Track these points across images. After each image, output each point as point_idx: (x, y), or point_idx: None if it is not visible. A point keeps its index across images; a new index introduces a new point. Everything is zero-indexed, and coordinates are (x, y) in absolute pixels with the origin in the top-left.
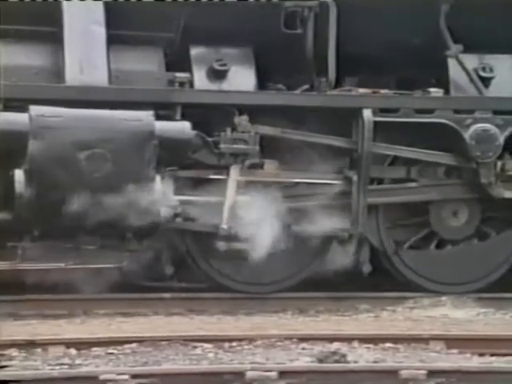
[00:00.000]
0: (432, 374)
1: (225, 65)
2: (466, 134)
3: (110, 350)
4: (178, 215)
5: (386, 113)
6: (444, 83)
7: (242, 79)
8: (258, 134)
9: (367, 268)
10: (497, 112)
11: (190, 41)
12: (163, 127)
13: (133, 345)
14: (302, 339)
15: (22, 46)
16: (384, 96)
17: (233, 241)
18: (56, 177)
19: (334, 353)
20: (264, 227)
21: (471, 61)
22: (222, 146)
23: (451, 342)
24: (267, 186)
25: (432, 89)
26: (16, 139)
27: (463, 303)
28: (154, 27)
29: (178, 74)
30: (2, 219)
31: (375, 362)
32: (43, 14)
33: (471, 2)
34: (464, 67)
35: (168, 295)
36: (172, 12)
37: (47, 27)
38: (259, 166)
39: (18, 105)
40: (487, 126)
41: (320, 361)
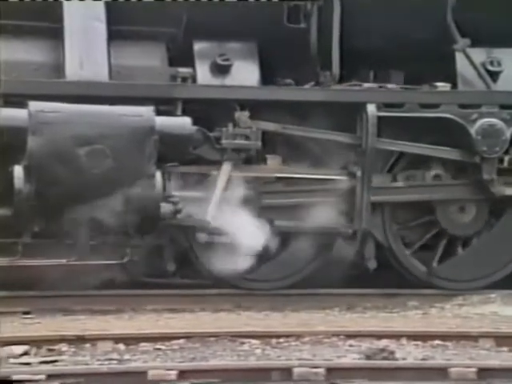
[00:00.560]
0: (482, 372)
1: (228, 60)
2: (472, 129)
3: (157, 346)
4: (178, 211)
5: (391, 108)
6: (452, 78)
7: (246, 74)
8: (259, 129)
9: (372, 264)
10: (504, 106)
11: (193, 36)
12: (164, 123)
13: (180, 341)
14: (350, 336)
15: (22, 41)
16: (388, 91)
17: (214, 234)
18: (55, 173)
19: (383, 350)
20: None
21: (479, 55)
22: (224, 141)
23: (501, 339)
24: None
25: (439, 83)
26: (15, 135)
27: None
28: (156, 22)
29: (181, 69)
30: (1, 215)
31: (424, 359)
32: (44, 10)
33: None
34: (471, 61)
35: (215, 291)
36: (175, 7)
37: (47, 23)
38: (262, 161)
39: (18, 100)
40: (493, 120)
41: (368, 358)
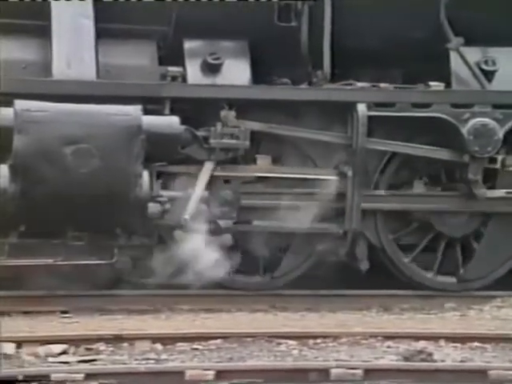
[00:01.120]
0: None
1: (218, 58)
2: (464, 129)
3: (194, 346)
4: (166, 211)
5: (382, 107)
6: (447, 77)
7: (237, 73)
8: (247, 129)
9: (365, 265)
10: (498, 106)
11: (183, 34)
12: (151, 122)
13: (217, 341)
14: (388, 337)
15: (10, 40)
16: (379, 90)
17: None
18: (42, 172)
19: (421, 351)
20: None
21: (474, 54)
22: (212, 141)
23: None
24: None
25: (432, 82)
26: (1, 134)
27: None
28: (146, 20)
29: (171, 68)
30: None
31: (462, 361)
32: (32, 8)
33: None
34: (465, 60)
35: (251, 292)
36: (164, 5)
37: (36, 21)
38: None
39: (6, 99)
40: (486, 120)
41: (406, 359)
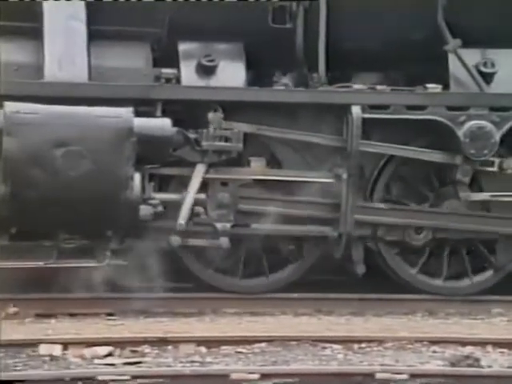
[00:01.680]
0: None
1: (213, 60)
2: (460, 132)
3: (239, 349)
4: (159, 214)
5: (377, 109)
6: (445, 79)
7: (232, 75)
8: (240, 131)
9: (361, 269)
10: (495, 108)
11: (178, 36)
12: (142, 124)
13: (262, 344)
14: (433, 342)
15: (2, 42)
16: (373, 92)
17: (188, 237)
18: (31, 174)
19: (467, 357)
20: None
21: (472, 56)
22: (204, 143)
23: None
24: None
25: (430, 84)
26: None
27: None
28: (140, 22)
29: (164, 70)
30: None
31: (510, 367)
32: (25, 10)
33: None
34: (463, 62)
35: (295, 295)
36: (158, 6)
37: (29, 23)
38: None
39: None
40: (482, 123)
41: (452, 364)
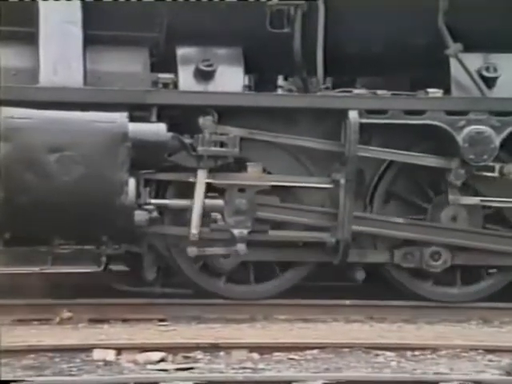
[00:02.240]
0: None
1: (211, 65)
2: (459, 137)
3: (291, 356)
4: (154, 219)
5: (375, 114)
6: (447, 83)
7: (230, 80)
8: (237, 136)
9: (361, 275)
10: (495, 113)
11: (176, 41)
12: (137, 129)
13: (314, 351)
14: (489, 350)
15: (0, 47)
16: (371, 97)
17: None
18: (25, 179)
19: None
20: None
21: (474, 60)
22: (200, 148)
23: None
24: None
25: (430, 89)
26: None
27: None
28: (137, 27)
29: (162, 75)
30: None
31: None
32: (21, 14)
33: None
34: (464, 66)
35: (348, 302)
36: (155, 11)
37: (25, 28)
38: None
39: None
40: (482, 127)
41: (508, 374)
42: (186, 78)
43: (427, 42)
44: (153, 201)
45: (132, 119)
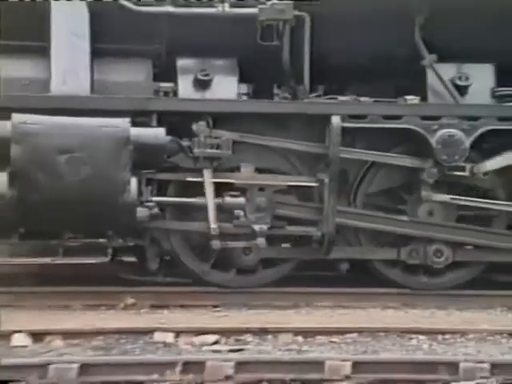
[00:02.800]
0: None
1: (208, 75)
2: (433, 139)
3: (332, 339)
4: (154, 216)
5: (356, 119)
6: (424, 91)
7: (225, 88)
8: (229, 139)
9: (345, 266)
10: (466, 118)
11: (176, 53)
12: (138, 133)
13: (353, 335)
14: None
15: (16, 59)
16: (352, 103)
17: (226, 239)
18: (37, 179)
19: None
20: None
21: (448, 70)
22: (196, 150)
23: None
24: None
25: (408, 96)
26: (0, 144)
27: None
28: (141, 40)
29: (163, 84)
30: None
31: None
32: (34, 30)
33: (445, 14)
34: (439, 76)
35: (383, 290)
36: (157, 26)
37: (38, 42)
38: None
39: (7, 114)
40: (453, 131)
41: None
42: (185, 87)
43: (406, 54)
44: (154, 198)
45: (134, 124)
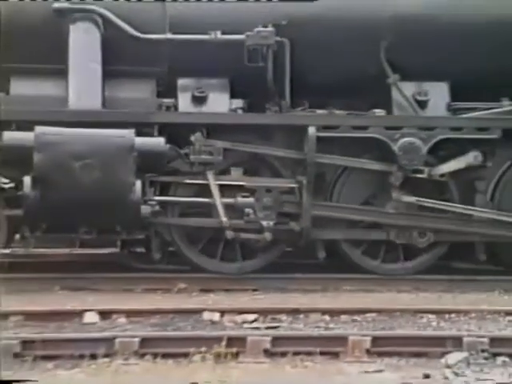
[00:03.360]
0: None
1: (203, 92)
2: (395, 147)
3: (355, 318)
4: (156, 213)
5: (329, 129)
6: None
7: (218, 104)
8: (220, 147)
9: (322, 254)
10: (424, 128)
11: (177, 74)
12: (142, 142)
13: (372, 314)
14: (508, 313)
15: (41, 80)
16: (325, 115)
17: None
18: (56, 181)
19: None
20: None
21: (410, 87)
22: (192, 156)
23: None
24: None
25: (376, 110)
26: (24, 152)
27: None
28: (146, 63)
29: (165, 100)
30: (16, 215)
31: None
32: (55, 55)
33: (406, 39)
34: (402, 92)
35: (398, 276)
36: (160, 50)
37: (59, 65)
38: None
39: (30, 126)
40: (412, 139)
41: None
42: (184, 103)
43: (374, 74)
44: (157, 198)
45: (138, 134)
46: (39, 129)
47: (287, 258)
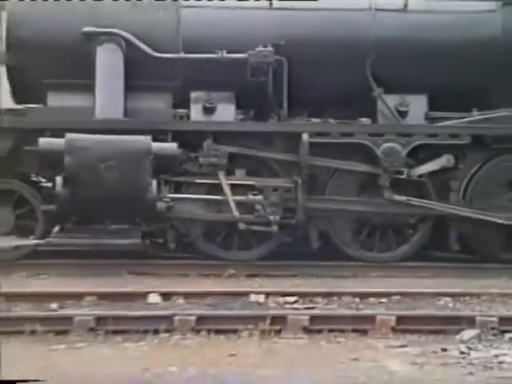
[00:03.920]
0: None
1: (212, 103)
2: (379, 151)
3: (381, 300)
4: (170, 208)
5: (320, 136)
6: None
7: (225, 114)
8: (225, 151)
9: (316, 244)
10: (403, 135)
11: (190, 88)
12: (157, 147)
13: (397, 297)
14: None
15: (74, 94)
16: (317, 123)
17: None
18: (84, 181)
19: None
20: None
21: (393, 99)
22: (201, 159)
23: None
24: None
25: (363, 118)
26: (56, 156)
27: None
28: (162, 78)
29: (179, 110)
30: (50, 210)
31: None
32: (84, 71)
33: (388, 57)
34: (385, 103)
35: (417, 264)
36: (175, 67)
37: (87, 80)
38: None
39: (62, 133)
40: (393, 144)
41: None
42: (195, 113)
43: (362, 87)
44: (171, 195)
45: (155, 140)
46: (69, 135)
47: (324, 249)
